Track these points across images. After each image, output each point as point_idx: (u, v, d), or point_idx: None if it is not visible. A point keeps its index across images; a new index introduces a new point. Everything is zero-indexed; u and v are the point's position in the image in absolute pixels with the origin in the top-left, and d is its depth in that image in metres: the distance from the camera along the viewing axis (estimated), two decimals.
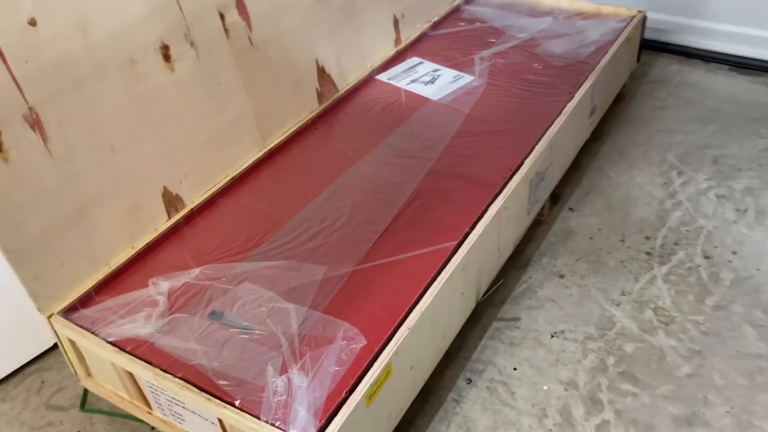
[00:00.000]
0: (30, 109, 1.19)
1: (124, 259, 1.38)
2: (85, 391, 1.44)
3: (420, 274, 1.32)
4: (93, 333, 1.23)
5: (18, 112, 1.18)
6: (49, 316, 1.26)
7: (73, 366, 1.34)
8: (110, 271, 1.35)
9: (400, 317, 1.22)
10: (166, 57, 1.43)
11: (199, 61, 1.50)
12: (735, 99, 2.27)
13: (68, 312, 1.28)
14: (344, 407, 1.07)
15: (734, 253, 1.67)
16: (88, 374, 1.34)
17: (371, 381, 1.11)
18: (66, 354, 1.32)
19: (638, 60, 2.35)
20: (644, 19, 2.26)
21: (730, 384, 1.36)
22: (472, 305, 1.46)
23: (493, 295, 1.59)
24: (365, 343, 1.18)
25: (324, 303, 1.28)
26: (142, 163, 1.41)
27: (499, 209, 1.46)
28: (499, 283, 1.61)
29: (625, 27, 2.17)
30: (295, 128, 1.77)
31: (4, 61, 1.14)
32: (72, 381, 1.49)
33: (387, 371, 1.15)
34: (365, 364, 1.14)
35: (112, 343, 1.21)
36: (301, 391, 1.10)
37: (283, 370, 1.14)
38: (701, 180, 1.91)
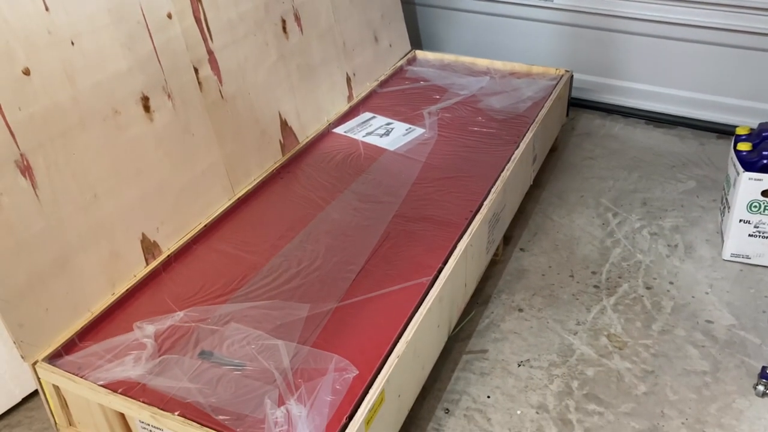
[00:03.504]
0: (21, 155, 1.22)
1: (106, 305, 1.38)
2: None
3: (400, 307, 1.39)
4: (81, 377, 1.22)
5: (11, 158, 1.20)
6: (34, 364, 1.25)
7: (54, 415, 1.31)
8: (92, 317, 1.35)
9: (388, 348, 1.29)
10: (146, 108, 1.48)
11: (176, 112, 1.56)
12: (653, 149, 2.51)
13: (53, 359, 1.26)
14: None
15: (671, 283, 1.84)
16: (70, 423, 1.32)
17: (369, 406, 1.16)
18: (48, 402, 1.29)
19: (567, 115, 2.57)
20: (571, 77, 2.49)
21: (682, 398, 1.49)
22: (445, 338, 1.54)
23: (460, 331, 1.68)
24: (357, 372, 1.24)
25: (312, 338, 1.33)
26: (122, 211, 1.43)
27: (465, 247, 1.56)
28: (469, 316, 1.70)
29: (556, 85, 2.39)
30: (261, 178, 1.83)
31: (0, 108, 1.17)
32: None
33: (381, 398, 1.20)
34: (360, 393, 1.19)
35: (103, 386, 1.21)
36: (301, 420, 1.14)
37: (281, 402, 1.18)
38: (634, 220, 2.10)
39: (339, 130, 2.13)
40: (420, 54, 2.70)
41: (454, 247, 1.56)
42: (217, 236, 1.64)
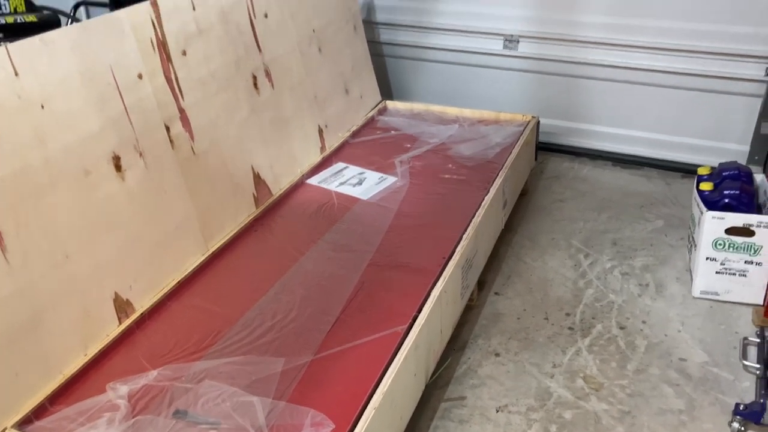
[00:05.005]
0: None
1: (78, 367, 1.36)
2: None
3: (376, 357, 1.39)
4: None
5: None
6: (2, 431, 1.22)
7: None
8: (64, 379, 1.33)
9: (364, 399, 1.29)
10: (118, 167, 1.49)
11: (148, 170, 1.57)
12: (621, 189, 2.57)
13: (22, 425, 1.24)
14: None
15: (644, 322, 1.86)
16: None
17: None
18: None
19: (536, 159, 2.63)
20: (538, 123, 2.56)
21: None
22: (423, 386, 1.54)
23: (438, 378, 1.68)
24: (333, 426, 1.23)
25: (287, 393, 1.32)
26: (94, 270, 1.43)
27: (440, 293, 1.57)
28: (446, 363, 1.71)
29: (523, 131, 2.45)
30: (235, 232, 1.84)
31: None
32: None
33: None
34: None
35: None
36: None
37: None
38: (605, 260, 2.13)
39: (312, 180, 2.15)
40: (390, 104, 2.76)
41: (429, 294, 1.57)
42: (191, 292, 1.63)
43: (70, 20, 2.40)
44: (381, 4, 2.95)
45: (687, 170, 2.62)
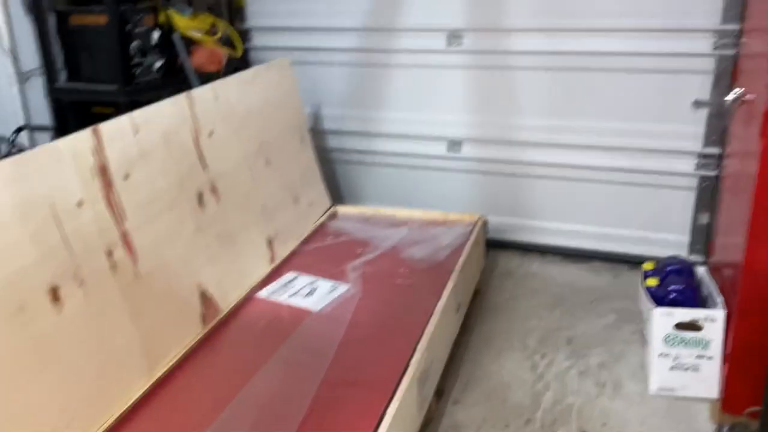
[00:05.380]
0: None
1: None
2: None
3: None
4: None
5: None
6: None
7: None
8: None
9: None
10: (56, 299, 1.44)
11: (88, 298, 1.52)
12: (571, 284, 2.61)
13: None
14: None
15: (604, 424, 1.84)
16: None
17: None
18: None
19: (486, 257, 2.65)
20: (485, 222, 2.60)
21: None
22: None
23: None
24: None
25: None
26: (26, 412, 1.34)
27: (395, 411, 1.53)
28: None
29: (472, 230, 2.48)
30: (181, 354, 1.77)
31: None
32: None
33: None
34: None
35: None
36: None
37: None
38: (561, 360, 2.12)
39: (262, 294, 2.11)
40: (341, 209, 2.78)
41: (384, 413, 1.53)
42: (135, 424, 1.54)
43: (10, 145, 2.38)
44: (328, 113, 3.03)
45: (633, 261, 2.68)
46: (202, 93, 2.08)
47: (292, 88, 2.66)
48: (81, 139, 1.58)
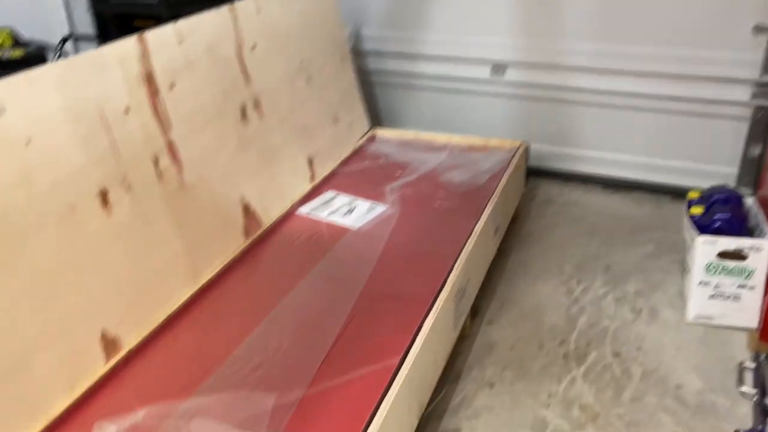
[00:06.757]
0: None
1: (64, 408, 1.33)
2: None
3: (369, 392, 1.37)
4: None
5: None
6: None
7: None
8: (49, 421, 1.30)
9: None
10: (104, 202, 1.48)
11: (135, 205, 1.56)
12: (612, 214, 2.58)
13: None
14: None
15: (638, 349, 1.85)
16: None
17: None
18: None
19: (526, 184, 2.63)
20: (527, 149, 2.56)
21: None
22: (417, 419, 1.52)
23: (432, 410, 1.65)
24: None
25: (280, 429, 1.29)
26: (81, 308, 1.40)
27: (432, 324, 1.56)
28: (440, 395, 1.68)
29: (512, 157, 2.45)
30: (224, 265, 1.82)
31: None
32: None
33: None
34: None
35: None
36: None
37: None
38: (598, 286, 2.12)
39: (302, 211, 2.14)
40: (380, 132, 2.76)
41: (421, 326, 1.56)
42: (179, 328, 1.61)
43: (57, 55, 2.40)
44: (368, 33, 2.97)
45: (676, 193, 2.62)
46: (245, 5, 2.05)
47: (334, 6, 2.60)
48: (127, 46, 1.59)
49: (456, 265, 1.78)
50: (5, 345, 1.24)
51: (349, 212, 2.12)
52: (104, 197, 1.48)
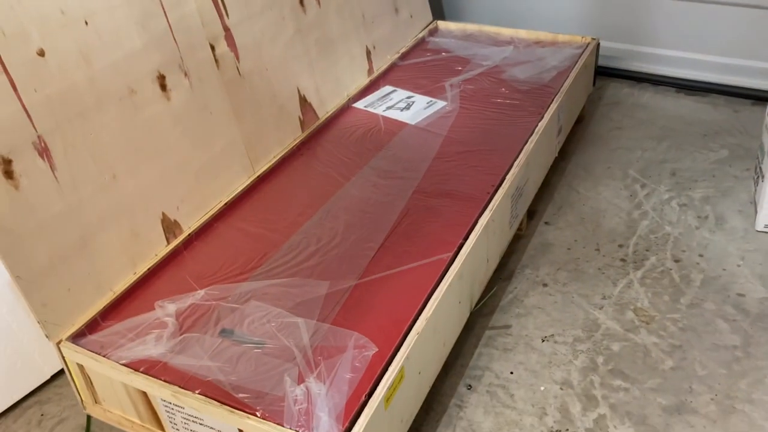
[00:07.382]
0: (39, 137, 1.22)
1: (127, 285, 1.39)
2: (89, 420, 1.43)
3: (420, 284, 1.38)
4: (104, 356, 1.24)
5: (28, 140, 1.20)
6: (58, 343, 1.26)
7: (80, 393, 1.33)
8: (114, 296, 1.36)
9: (407, 325, 1.28)
10: (163, 86, 1.47)
11: (193, 90, 1.55)
12: (683, 118, 2.44)
13: (76, 338, 1.28)
14: (365, 410, 1.11)
15: (701, 255, 1.79)
16: (96, 401, 1.34)
17: (388, 384, 1.15)
18: (73, 381, 1.31)
19: (594, 84, 2.50)
20: (598, 46, 2.42)
21: (711, 374, 1.46)
22: (467, 314, 1.53)
23: (483, 306, 1.66)
24: (376, 350, 1.23)
25: (331, 316, 1.32)
26: (142, 190, 1.43)
27: (487, 222, 1.53)
28: (492, 292, 1.68)
29: (582, 53, 2.32)
30: (281, 155, 1.82)
31: (15, 90, 1.17)
32: (73, 412, 1.48)
33: (401, 375, 1.19)
34: (379, 370, 1.19)
35: (125, 365, 1.22)
36: (321, 398, 1.14)
37: (300, 379, 1.18)
38: (663, 191, 2.04)
39: (359, 104, 2.10)
40: (442, 24, 2.65)
41: (476, 223, 1.54)
42: (237, 214, 1.63)
43: None
44: None
45: (758, 97, 2.46)
46: None
47: None
48: None
49: (515, 164, 1.74)
50: (72, 223, 1.28)
51: (407, 107, 2.07)
52: (162, 81, 1.47)
